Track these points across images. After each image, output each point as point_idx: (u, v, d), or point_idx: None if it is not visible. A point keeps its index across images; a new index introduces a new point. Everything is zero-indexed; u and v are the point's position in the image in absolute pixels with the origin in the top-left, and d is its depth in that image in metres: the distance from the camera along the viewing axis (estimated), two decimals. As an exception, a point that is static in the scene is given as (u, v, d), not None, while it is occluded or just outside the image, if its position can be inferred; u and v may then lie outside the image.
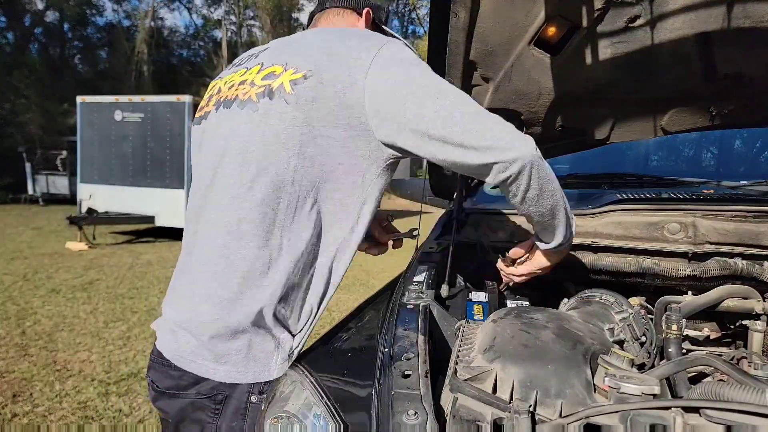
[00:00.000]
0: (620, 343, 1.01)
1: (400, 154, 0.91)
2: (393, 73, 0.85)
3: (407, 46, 0.92)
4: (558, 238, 0.99)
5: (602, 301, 1.16)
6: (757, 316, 1.06)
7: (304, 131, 0.86)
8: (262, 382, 0.90)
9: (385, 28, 1.17)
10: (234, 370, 0.89)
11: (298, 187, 0.88)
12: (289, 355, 0.93)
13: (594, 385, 0.75)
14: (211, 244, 0.91)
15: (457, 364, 0.83)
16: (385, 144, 0.89)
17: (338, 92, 0.85)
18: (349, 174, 0.90)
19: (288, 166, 0.87)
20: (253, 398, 0.90)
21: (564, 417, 0.67)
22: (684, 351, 0.96)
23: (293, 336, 0.94)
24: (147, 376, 1.01)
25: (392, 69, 0.85)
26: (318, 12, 1.19)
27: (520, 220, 1.47)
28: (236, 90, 0.96)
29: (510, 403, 0.71)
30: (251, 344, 0.89)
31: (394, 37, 1.08)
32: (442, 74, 1.20)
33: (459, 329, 1.02)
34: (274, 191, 0.88)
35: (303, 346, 0.96)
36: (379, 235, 1.25)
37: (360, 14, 1.16)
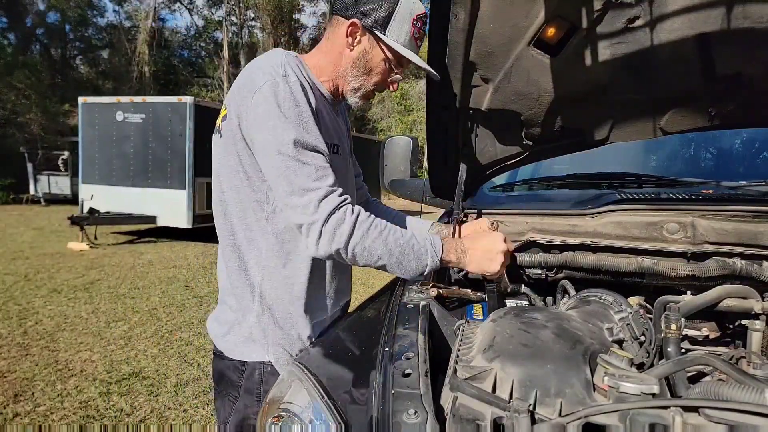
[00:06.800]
0: (619, 342, 1.01)
1: None
2: (259, 126, 1.02)
3: (282, 83, 1.02)
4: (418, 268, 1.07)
5: (601, 300, 1.17)
6: (756, 316, 1.06)
7: (230, 161, 1.09)
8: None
9: (378, 33, 1.10)
10: None
11: (226, 207, 1.14)
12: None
13: (593, 384, 0.75)
14: None
15: (456, 363, 0.83)
16: None
17: (236, 126, 1.06)
18: (255, 193, 1.09)
19: (222, 190, 1.14)
20: None
21: (563, 416, 0.67)
22: (683, 350, 0.96)
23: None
24: None
25: (259, 123, 1.02)
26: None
27: (519, 221, 1.47)
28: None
29: (510, 402, 0.71)
30: None
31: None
32: (442, 74, 1.21)
33: (459, 329, 1.02)
34: (223, 208, 1.15)
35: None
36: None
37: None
